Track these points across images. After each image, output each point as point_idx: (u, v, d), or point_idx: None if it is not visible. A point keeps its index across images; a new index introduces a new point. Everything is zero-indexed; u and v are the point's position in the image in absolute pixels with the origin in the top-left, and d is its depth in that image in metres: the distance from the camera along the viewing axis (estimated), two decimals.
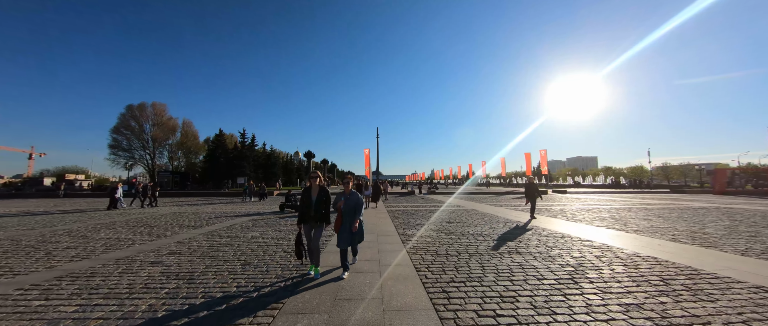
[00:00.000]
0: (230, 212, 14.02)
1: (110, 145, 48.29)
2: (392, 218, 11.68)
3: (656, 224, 9.89)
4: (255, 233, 8.47)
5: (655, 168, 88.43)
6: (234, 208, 16.30)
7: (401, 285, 4.15)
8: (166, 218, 11.93)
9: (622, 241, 7.09)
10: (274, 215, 12.99)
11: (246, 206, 17.07)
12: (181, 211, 14.91)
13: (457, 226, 9.39)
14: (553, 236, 7.74)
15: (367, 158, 41.89)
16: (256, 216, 12.44)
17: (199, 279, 4.48)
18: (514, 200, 21.05)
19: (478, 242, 7.02)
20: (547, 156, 44.30)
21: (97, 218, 12.20)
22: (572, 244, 6.77)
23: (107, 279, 4.49)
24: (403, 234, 8.10)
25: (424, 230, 8.76)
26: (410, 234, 8.09)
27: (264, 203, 20.16)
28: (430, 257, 5.69)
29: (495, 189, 38.51)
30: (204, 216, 12.59)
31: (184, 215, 13.25)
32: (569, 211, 13.98)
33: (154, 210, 15.51)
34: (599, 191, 36.08)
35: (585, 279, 4.39)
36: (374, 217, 11.88)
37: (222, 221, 11.15)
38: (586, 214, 12.71)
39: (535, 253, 5.93)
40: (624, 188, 43.72)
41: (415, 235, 7.95)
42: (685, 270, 4.83)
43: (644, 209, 14.95)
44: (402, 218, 11.68)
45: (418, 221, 10.70)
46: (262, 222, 10.62)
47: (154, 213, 13.98)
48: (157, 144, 51.80)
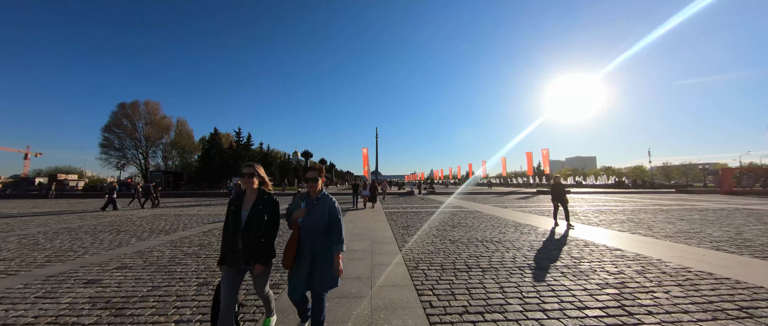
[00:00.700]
0: (216, 215, 12.95)
1: (101, 144, 47.12)
2: (390, 221, 10.64)
3: (683, 228, 8.87)
4: None
5: (655, 168, 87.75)
6: (222, 210, 15.22)
7: (399, 321, 3.10)
8: (143, 222, 10.85)
9: (657, 250, 6.06)
10: None
11: None
12: (163, 213, 13.82)
13: (462, 231, 8.35)
14: (575, 243, 6.71)
15: (365, 157, 40.84)
16: None
17: (131, 309, 3.42)
18: (519, 201, 20.03)
19: (489, 252, 5.98)
20: (549, 155, 43.46)
21: (67, 222, 11.10)
22: (601, 255, 5.73)
23: (11, 309, 3.43)
24: (401, 241, 7.05)
25: (426, 235, 7.71)
26: (410, 241, 7.05)
27: None
28: (435, 273, 4.65)
29: (497, 189, 37.52)
30: (185, 219, 11.52)
31: (163, 217, 12.18)
32: (581, 213, 12.97)
33: (145, 212, 14.42)
34: (603, 191, 35.12)
35: (640, 308, 3.35)
36: (370, 220, 10.84)
37: (202, 224, 10.09)
38: (600, 216, 11.68)
39: (561, 267, 4.89)
40: (627, 188, 42.81)
41: (415, 242, 6.90)
42: (760, 292, 3.80)
43: (660, 210, 13.95)
44: (400, 221, 10.64)
45: (418, 224, 9.66)
46: None
47: (138, 215, 12.89)
48: (150, 143, 50.59)
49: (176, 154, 57.23)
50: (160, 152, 54.98)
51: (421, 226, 9.31)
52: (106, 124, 47.42)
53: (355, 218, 11.26)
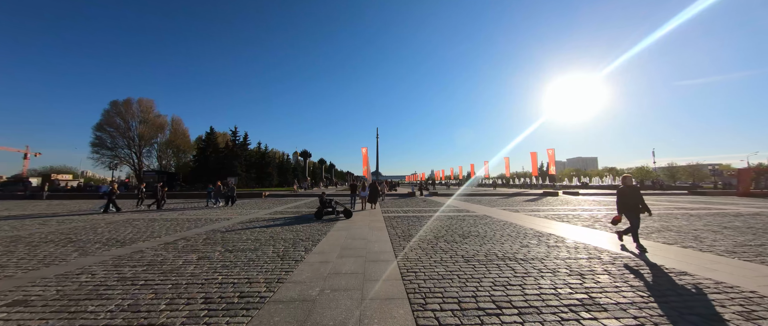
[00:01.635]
0: (197, 220, 11.57)
1: (92, 143, 45.70)
2: (389, 228, 9.23)
3: (738, 239, 7.44)
4: (193, 256, 6.00)
5: (659, 168, 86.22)
6: (204, 215, 13.83)
7: None
8: (107, 229, 9.46)
9: (735, 274, 4.65)
10: (244, 226, 10.54)
11: (213, 213, 14.56)
12: (136, 218, 12.43)
13: (476, 243, 6.94)
14: (624, 263, 5.30)
15: (365, 156, 39.43)
16: (221, 228, 9.99)
17: None
18: (528, 204, 18.60)
19: (518, 277, 4.57)
20: (554, 155, 42.00)
21: (27, 228, 9.70)
22: (676, 286, 4.32)
23: None
24: (403, 258, 5.65)
25: (432, 249, 6.31)
26: (413, 258, 5.65)
27: (232, 208, 16.62)
28: (452, 319, 3.24)
29: (501, 191, 36.09)
30: (158, 225, 10.13)
31: (134, 222, 10.79)
32: (603, 219, 11.55)
33: (120, 217, 13.03)
34: (612, 193, 33.64)
35: None
36: (367, 227, 9.43)
37: (171, 232, 8.70)
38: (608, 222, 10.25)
39: (630, 308, 3.48)
40: None
41: (420, 260, 5.49)
42: None
43: (689, 215, 12.53)
44: (401, 227, 9.24)
45: (423, 233, 8.26)
46: (221, 236, 8.15)
47: (105, 221, 11.50)
48: (143, 143, 49.24)
49: (172, 153, 55.87)
50: (155, 152, 53.65)
51: (426, 236, 7.91)
52: (98, 122, 46.09)
53: (350, 225, 9.85)
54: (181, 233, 8.68)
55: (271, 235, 8.22)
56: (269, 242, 7.19)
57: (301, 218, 11.75)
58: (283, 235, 8.23)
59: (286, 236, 8.09)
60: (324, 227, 9.62)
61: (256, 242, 7.27)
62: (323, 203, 11.98)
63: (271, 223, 10.58)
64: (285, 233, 8.58)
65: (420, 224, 10.07)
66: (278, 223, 10.58)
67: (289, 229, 9.25)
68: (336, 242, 7.15)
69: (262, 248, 6.61)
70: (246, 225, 10.09)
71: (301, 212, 14.34)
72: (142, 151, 49.83)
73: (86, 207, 17.78)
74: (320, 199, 12.30)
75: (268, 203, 19.80)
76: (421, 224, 10.09)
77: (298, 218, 11.98)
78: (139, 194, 17.80)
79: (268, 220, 11.41)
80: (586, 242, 7.09)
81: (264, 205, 18.54)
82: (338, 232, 8.58)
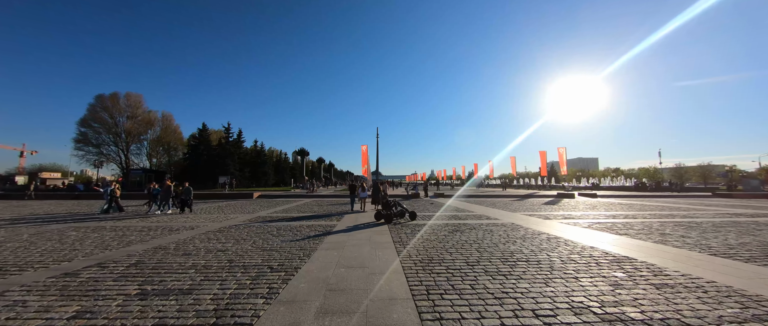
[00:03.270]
0: (153, 229, 9.13)
1: (75, 139, 43.06)
2: (397, 244, 6.81)
3: None
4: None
5: (666, 169, 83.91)
6: (172, 223, 11.41)
7: None
8: (22, 245, 7.03)
9: None
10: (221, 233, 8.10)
11: (154, 221, 12.12)
12: (92, 226, 9.99)
13: (535, 278, 4.54)
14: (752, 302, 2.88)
15: (364, 155, 37.02)
16: (167, 244, 7.56)
17: None
18: (551, 208, 16.18)
19: None
20: (565, 155, 39.63)
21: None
22: None
23: None
24: (430, 313, 3.23)
25: (474, 292, 3.90)
26: (451, 317, 3.23)
27: (185, 215, 13.17)
28: None
29: (512, 192, 33.67)
30: (109, 236, 7.70)
31: (80, 230, 8.35)
32: (656, 228, 9.13)
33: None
34: (629, 194, 31.24)
35: None
36: (368, 243, 7.00)
37: (106, 250, 6.27)
38: (689, 231, 7.83)
39: None
40: (650, 190, 38.98)
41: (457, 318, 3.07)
42: None
43: (732, 223, 10.13)
44: (414, 243, 6.81)
45: (446, 254, 5.84)
46: (161, 258, 5.73)
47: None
48: (131, 139, 46.65)
49: (163, 151, 53.37)
50: (145, 150, 51.11)
51: (454, 261, 5.48)
52: (83, 117, 43.51)
53: (346, 243, 7.41)
54: (127, 248, 6.23)
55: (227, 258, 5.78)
56: (217, 275, 4.75)
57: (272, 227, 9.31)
58: (251, 260, 5.79)
59: (254, 260, 5.66)
60: (312, 244, 7.18)
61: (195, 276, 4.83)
62: (388, 205, 10.38)
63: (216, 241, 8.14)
64: (253, 256, 6.14)
65: (437, 238, 7.63)
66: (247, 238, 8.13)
67: (260, 249, 6.80)
68: (321, 264, 4.74)
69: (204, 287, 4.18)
70: (265, 226, 7.63)
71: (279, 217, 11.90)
72: (129, 148, 47.23)
73: (58, 211, 15.33)
74: (382, 199, 11.20)
75: (252, 207, 17.35)
76: (438, 238, 7.66)
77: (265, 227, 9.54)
78: (149, 197, 15.44)
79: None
80: (689, 273, 4.67)
81: (248, 208, 16.09)
82: (327, 254, 6.14)
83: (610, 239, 7.62)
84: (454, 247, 6.63)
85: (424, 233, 8.35)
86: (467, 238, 7.63)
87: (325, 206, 17.99)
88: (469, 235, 8.04)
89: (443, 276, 4.68)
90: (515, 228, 9.22)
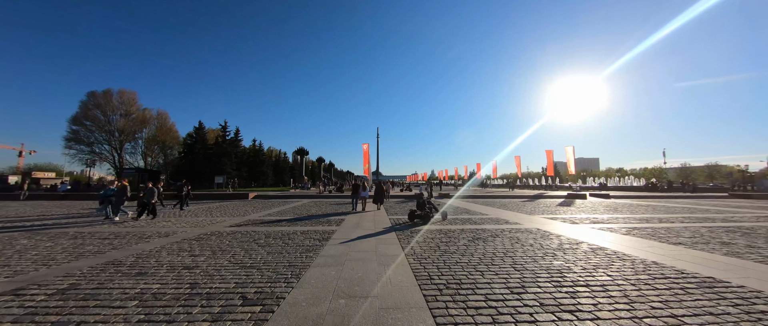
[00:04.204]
0: (129, 235, 7.79)
1: (66, 137, 41.63)
2: (412, 259, 5.45)
3: None
4: None
5: (672, 169, 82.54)
6: (146, 230, 10.07)
7: None
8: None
9: None
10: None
11: (129, 226, 10.78)
12: (52, 233, 8.65)
13: (615, 321, 3.18)
14: None
15: (365, 153, 35.77)
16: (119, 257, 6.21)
17: None
18: (570, 210, 14.82)
19: None
20: (574, 153, 38.27)
21: None
22: None
23: None
24: None
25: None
26: None
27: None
28: None
29: (520, 192, 32.30)
30: (65, 244, 6.35)
31: (35, 237, 7.00)
32: (716, 238, 7.77)
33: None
34: (642, 195, 29.87)
35: None
36: (374, 256, 5.64)
37: (44, 266, 4.92)
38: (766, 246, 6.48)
39: None
40: (664, 191, 37.60)
41: None
42: None
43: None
44: (431, 257, 5.46)
45: (477, 275, 4.49)
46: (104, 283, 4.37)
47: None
48: (124, 137, 45.25)
49: (158, 150, 52.02)
50: (141, 149, 49.74)
51: (490, 287, 4.13)
52: (74, 115, 42.04)
53: (346, 256, 6.05)
54: (73, 263, 4.87)
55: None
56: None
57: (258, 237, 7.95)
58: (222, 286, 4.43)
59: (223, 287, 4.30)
60: (305, 259, 5.83)
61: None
62: (422, 205, 10.39)
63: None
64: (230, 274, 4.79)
65: (459, 252, 6.26)
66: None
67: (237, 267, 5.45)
68: (320, 298, 3.40)
69: None
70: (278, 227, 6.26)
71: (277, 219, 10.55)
72: (123, 147, 45.84)
73: (48, 213, 13.98)
74: (418, 199, 10.82)
75: (245, 208, 15.99)
76: (456, 246, 6.31)
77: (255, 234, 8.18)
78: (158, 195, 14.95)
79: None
80: None
81: (239, 210, 14.73)
82: (323, 274, 4.78)
83: (667, 251, 6.26)
84: (482, 262, 5.28)
85: (439, 241, 6.99)
86: (494, 249, 6.27)
87: (323, 206, 16.66)
88: (494, 245, 6.68)
89: (485, 313, 3.32)
90: (545, 236, 7.86)
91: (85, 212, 14.03)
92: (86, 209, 15.04)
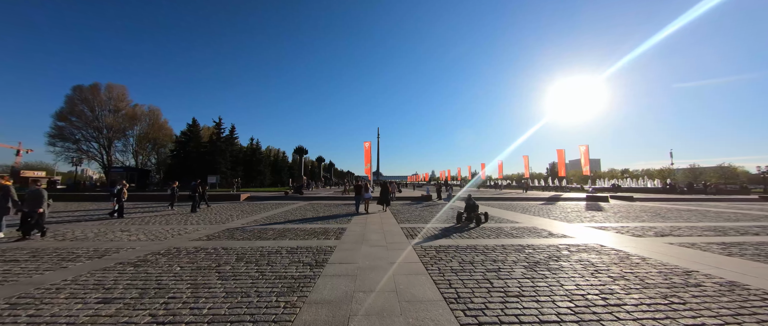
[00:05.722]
0: (54, 252, 5.61)
1: (50, 134, 39.33)
2: (453, 305, 3.27)
3: None
4: None
5: (680, 170, 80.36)
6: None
7: None
8: None
9: None
10: None
11: (69, 238, 8.57)
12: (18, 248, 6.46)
13: None
14: None
15: (367, 152, 33.55)
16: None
17: None
18: (608, 216, 12.64)
19: None
20: (588, 153, 36.10)
21: None
22: None
23: None
24: None
25: None
26: None
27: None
28: None
29: (535, 194, 30.14)
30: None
31: None
32: None
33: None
34: (667, 198, 27.67)
35: None
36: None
37: None
38: None
39: None
40: (684, 193, 35.43)
41: None
42: None
43: None
44: (483, 299, 3.29)
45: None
46: None
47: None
48: (113, 134, 42.98)
49: (151, 148, 49.79)
50: (132, 147, 47.49)
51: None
52: (59, 110, 39.75)
53: (351, 301, 3.86)
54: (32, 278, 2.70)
55: None
56: None
57: None
58: None
59: None
60: (284, 312, 3.63)
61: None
62: (473, 207, 9.89)
63: None
64: None
65: (512, 280, 4.08)
66: None
67: None
68: None
69: None
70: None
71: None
72: (111, 144, 43.57)
73: None
74: (467, 202, 10.09)
75: (229, 212, 13.82)
76: (514, 281, 4.13)
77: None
78: (171, 195, 15.47)
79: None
80: None
81: (222, 215, 12.55)
82: (315, 310, 2.57)
83: None
84: (571, 321, 3.10)
85: (483, 270, 4.80)
86: (572, 289, 4.08)
87: (321, 210, 14.50)
88: (563, 278, 4.51)
89: None
90: (624, 259, 5.69)
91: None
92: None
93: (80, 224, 10.03)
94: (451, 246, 6.58)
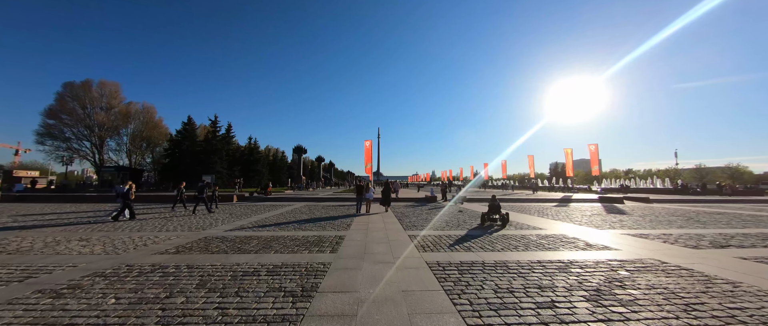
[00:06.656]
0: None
1: (38, 132, 37.89)
2: None
3: None
4: None
5: (686, 170, 79.05)
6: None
7: None
8: None
9: None
10: None
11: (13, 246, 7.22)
12: None
13: None
14: None
15: (367, 151, 32.26)
16: None
17: None
18: (638, 221, 11.31)
19: None
20: (597, 152, 34.77)
21: None
22: None
23: None
24: None
25: None
26: None
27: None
28: None
29: (545, 195, 28.79)
30: None
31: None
32: None
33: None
34: (685, 199, 26.27)
35: None
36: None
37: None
38: None
39: None
40: (698, 194, 34.09)
41: None
42: None
43: None
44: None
45: None
46: None
47: None
48: (105, 133, 41.58)
49: (145, 147, 48.43)
50: (125, 146, 46.12)
51: None
52: (49, 107, 38.33)
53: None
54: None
55: None
56: None
57: None
58: None
59: None
60: None
61: None
62: (496, 208, 9.63)
63: None
64: None
65: (583, 325, 2.74)
66: None
67: None
68: None
69: None
70: None
71: None
72: (104, 143, 42.18)
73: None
74: (491, 203, 9.82)
75: (215, 216, 12.52)
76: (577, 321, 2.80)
77: None
78: (178, 196, 14.79)
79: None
80: None
81: (207, 219, 11.22)
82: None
83: None
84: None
85: (530, 300, 3.47)
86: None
87: (318, 212, 13.20)
88: (650, 319, 3.17)
89: None
90: (708, 283, 4.36)
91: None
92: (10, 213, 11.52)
93: (54, 229, 8.70)
94: (475, 263, 5.25)
